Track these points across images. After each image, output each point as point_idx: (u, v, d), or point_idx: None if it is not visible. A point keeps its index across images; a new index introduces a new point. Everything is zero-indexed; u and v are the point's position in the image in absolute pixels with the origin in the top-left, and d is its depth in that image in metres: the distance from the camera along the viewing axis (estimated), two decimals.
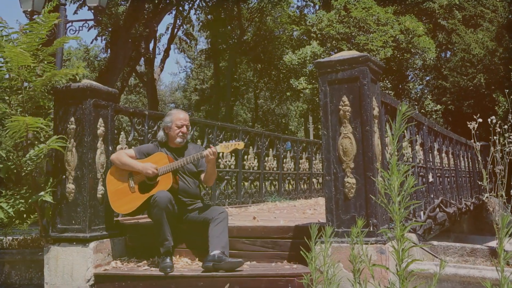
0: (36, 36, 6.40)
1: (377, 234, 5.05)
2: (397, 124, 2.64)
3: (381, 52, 23.59)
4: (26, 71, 6.38)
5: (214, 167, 6.33)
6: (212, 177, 6.44)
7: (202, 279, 5.57)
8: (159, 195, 5.90)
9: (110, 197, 6.31)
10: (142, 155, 6.38)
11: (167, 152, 6.41)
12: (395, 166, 2.64)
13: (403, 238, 2.68)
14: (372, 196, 5.07)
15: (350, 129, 5.27)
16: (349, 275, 4.81)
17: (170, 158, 6.27)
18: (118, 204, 6.27)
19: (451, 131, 14.11)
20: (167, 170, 6.13)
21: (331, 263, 3.27)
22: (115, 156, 6.36)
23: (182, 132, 6.43)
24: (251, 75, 47.64)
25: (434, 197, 9.31)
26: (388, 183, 2.68)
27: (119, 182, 6.29)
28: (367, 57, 5.33)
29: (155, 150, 6.43)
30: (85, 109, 6.28)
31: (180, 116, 6.48)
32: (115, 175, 6.32)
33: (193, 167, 6.42)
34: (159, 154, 6.29)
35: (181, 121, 6.43)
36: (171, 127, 6.42)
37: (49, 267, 6.21)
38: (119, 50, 25.19)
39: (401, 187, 2.71)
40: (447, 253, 7.53)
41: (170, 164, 6.15)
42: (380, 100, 5.78)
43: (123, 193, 6.25)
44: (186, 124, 6.47)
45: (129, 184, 6.24)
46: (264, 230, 6.16)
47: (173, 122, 6.42)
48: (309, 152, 15.27)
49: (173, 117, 6.46)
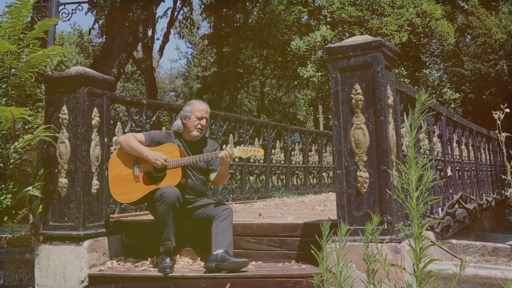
0: (18, 19, 6.36)
1: (392, 232, 5.03)
2: (416, 114, 2.62)
3: (396, 37, 23.53)
4: (12, 57, 6.36)
5: (228, 169, 6.32)
6: (223, 179, 6.45)
7: (204, 280, 5.55)
8: (167, 190, 5.84)
9: (111, 182, 6.29)
10: (152, 142, 6.33)
11: (180, 144, 6.37)
12: (413, 159, 2.63)
13: (421, 236, 2.66)
14: (387, 190, 5.05)
15: (363, 119, 5.25)
16: (362, 275, 4.79)
17: (182, 152, 6.23)
18: (118, 191, 6.24)
19: (471, 122, 14.06)
20: (178, 165, 6.09)
21: (344, 263, 3.25)
22: (124, 138, 6.31)
23: (202, 124, 6.37)
24: (256, 62, 47.61)
25: (453, 192, 9.28)
26: (405, 177, 2.66)
27: (123, 167, 6.25)
28: (381, 42, 5.30)
29: (167, 139, 6.39)
30: (79, 98, 6.26)
31: (201, 107, 6.43)
32: (120, 159, 6.28)
33: (204, 164, 6.37)
34: (171, 145, 6.25)
35: (202, 112, 6.38)
36: (190, 118, 6.36)
37: (40, 267, 6.20)
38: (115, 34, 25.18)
39: (419, 182, 2.69)
40: (467, 252, 7.52)
41: (182, 158, 6.11)
42: (395, 88, 5.76)
43: (125, 180, 6.21)
44: (206, 117, 6.43)
45: (133, 172, 6.21)
46: (271, 228, 6.14)
47: (193, 113, 6.36)
48: (319, 144, 15.25)
49: (194, 107, 6.41)
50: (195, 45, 58.86)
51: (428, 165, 2.68)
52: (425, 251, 2.68)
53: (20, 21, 6.38)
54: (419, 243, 2.65)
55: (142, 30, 33.92)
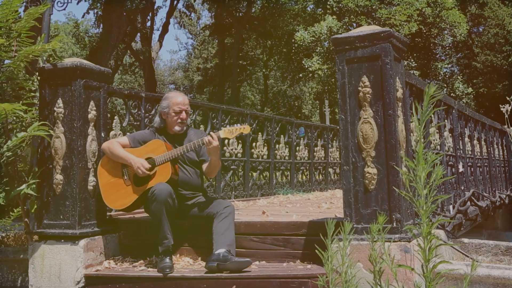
0: (8, 9, 6.34)
1: (401, 231, 5.02)
2: (424, 107, 2.62)
3: (405, 27, 23.51)
4: (3, 50, 6.35)
5: (218, 156, 6.25)
6: (215, 168, 6.35)
7: (205, 281, 5.55)
8: (158, 187, 5.83)
9: (103, 191, 6.27)
10: (137, 143, 6.32)
11: (165, 139, 6.34)
12: (422, 154, 2.62)
13: (431, 235, 2.66)
14: (395, 188, 5.04)
15: (371, 113, 5.24)
16: (369, 276, 4.79)
17: (169, 146, 6.21)
18: (111, 198, 6.23)
19: (483, 115, 14.03)
20: (165, 160, 6.06)
21: (349, 263, 3.25)
22: (106, 145, 6.30)
23: (181, 118, 6.33)
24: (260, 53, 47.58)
25: (465, 189, 9.27)
26: (413, 173, 2.66)
27: (112, 173, 6.24)
28: (389, 33, 5.29)
29: (152, 137, 6.37)
30: (75, 91, 6.26)
31: (178, 99, 6.36)
32: (107, 166, 6.28)
33: (195, 155, 6.36)
34: (156, 142, 6.22)
35: (179, 106, 6.32)
36: (169, 113, 6.32)
37: (34, 267, 6.21)
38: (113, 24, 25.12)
39: (428, 178, 2.69)
40: (479, 252, 7.50)
41: (168, 152, 6.08)
42: (404, 80, 5.74)
43: (116, 186, 6.20)
44: (185, 109, 6.37)
45: (123, 176, 6.20)
46: (275, 226, 6.13)
47: (170, 108, 6.32)
48: (325, 139, 15.25)
49: (170, 101, 6.35)
50: (195, 36, 58.87)
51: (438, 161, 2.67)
52: (435, 250, 2.68)
53: (12, 12, 6.35)
54: (428, 242, 2.64)
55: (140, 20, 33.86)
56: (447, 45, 28.72)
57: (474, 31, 33.27)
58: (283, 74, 46.54)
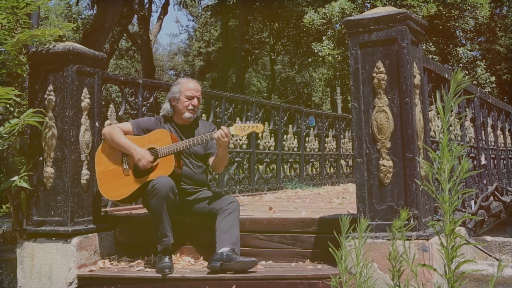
0: None
1: (419, 228, 5.00)
2: (450, 94, 2.59)
3: (423, 9, 23.44)
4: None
5: (227, 151, 6.27)
6: (223, 163, 6.37)
7: (207, 282, 5.54)
8: (159, 181, 5.81)
9: (99, 178, 6.27)
10: (140, 130, 6.32)
11: (171, 129, 6.35)
12: (446, 146, 2.59)
13: (454, 233, 2.63)
14: (416, 180, 5.01)
15: (386, 101, 5.21)
16: (385, 277, 4.78)
17: (174, 137, 6.20)
18: (107, 187, 6.22)
19: (507, 104, 13.99)
20: (169, 152, 6.04)
21: (365, 262, 3.22)
22: (107, 131, 6.30)
23: (193, 105, 6.33)
24: (266, 36, 47.51)
25: (488, 183, 9.25)
26: (437, 166, 2.63)
27: (110, 161, 6.23)
28: (406, 15, 5.25)
29: (157, 125, 6.37)
30: (67, 77, 6.24)
31: (191, 85, 6.39)
32: (106, 151, 6.27)
33: (201, 149, 6.36)
34: (161, 132, 6.22)
35: (192, 91, 6.34)
36: (179, 99, 6.32)
37: (23, 267, 6.20)
38: (108, 5, 25.09)
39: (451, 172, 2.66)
40: (503, 251, 7.48)
41: (173, 144, 6.05)
42: (422, 66, 5.72)
43: (114, 175, 6.19)
44: (197, 95, 6.39)
45: (122, 165, 6.19)
46: (283, 223, 6.11)
47: (182, 93, 6.32)
48: (337, 129, 15.24)
49: (182, 86, 6.36)
50: (197, 18, 58.81)
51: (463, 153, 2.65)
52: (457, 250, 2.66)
53: None
54: (451, 241, 2.62)
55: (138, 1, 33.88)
56: (468, 28, 28.61)
57: (496, 12, 33.19)
58: (292, 59, 46.41)
